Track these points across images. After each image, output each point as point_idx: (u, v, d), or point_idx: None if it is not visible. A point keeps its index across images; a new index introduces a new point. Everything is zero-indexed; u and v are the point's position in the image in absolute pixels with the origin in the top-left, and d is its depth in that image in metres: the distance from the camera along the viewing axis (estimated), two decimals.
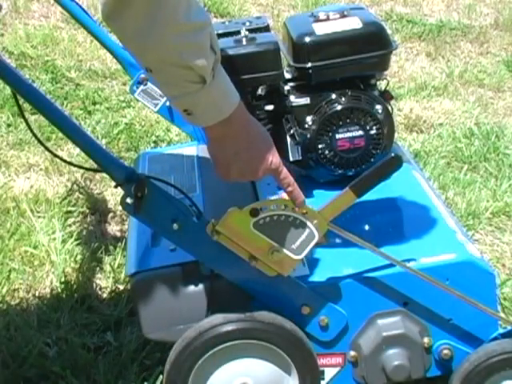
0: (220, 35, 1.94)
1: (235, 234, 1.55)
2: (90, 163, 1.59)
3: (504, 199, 2.73)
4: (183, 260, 1.66)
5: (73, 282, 2.28)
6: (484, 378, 1.63)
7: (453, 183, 2.83)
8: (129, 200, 1.52)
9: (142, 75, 2.09)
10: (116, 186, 1.52)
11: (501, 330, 1.68)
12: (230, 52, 1.79)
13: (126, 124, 3.24)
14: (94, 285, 2.30)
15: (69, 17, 4.44)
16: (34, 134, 1.65)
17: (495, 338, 1.66)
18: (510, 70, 3.96)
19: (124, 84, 3.68)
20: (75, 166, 1.71)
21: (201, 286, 1.66)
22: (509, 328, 1.67)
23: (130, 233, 1.91)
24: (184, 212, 1.56)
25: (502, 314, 2.06)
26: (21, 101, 1.51)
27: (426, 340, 1.66)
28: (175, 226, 1.55)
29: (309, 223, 1.55)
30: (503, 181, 2.85)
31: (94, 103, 3.46)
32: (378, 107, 1.87)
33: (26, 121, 1.65)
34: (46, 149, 1.65)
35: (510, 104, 3.62)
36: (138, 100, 2.15)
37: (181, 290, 1.66)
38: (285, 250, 1.55)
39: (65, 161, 1.69)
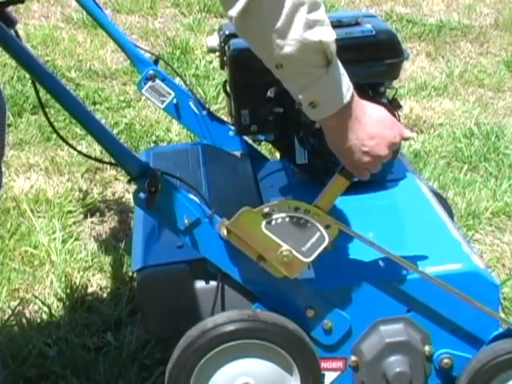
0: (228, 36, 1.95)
1: (246, 234, 1.55)
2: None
3: (504, 199, 2.73)
4: (190, 257, 1.66)
5: (73, 282, 2.28)
6: (491, 377, 1.63)
7: (453, 183, 2.83)
8: (141, 195, 1.52)
9: (151, 71, 2.08)
10: (129, 181, 1.53)
11: (501, 330, 1.68)
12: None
13: (126, 124, 3.24)
14: (94, 285, 2.30)
15: (69, 17, 4.46)
16: (55, 129, 1.70)
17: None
18: (510, 70, 3.96)
19: (124, 84, 3.68)
20: (92, 158, 1.81)
21: (207, 284, 1.66)
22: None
23: (136, 228, 1.91)
24: (196, 209, 1.57)
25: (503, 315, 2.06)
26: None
27: (427, 348, 1.66)
28: (186, 222, 1.56)
29: (320, 226, 1.55)
30: (503, 181, 2.85)
31: (94, 103, 3.46)
32: None
33: (46, 115, 1.67)
34: (65, 142, 1.70)
35: (510, 104, 3.62)
36: (145, 96, 2.13)
37: (187, 287, 1.66)
38: (294, 252, 1.55)
39: (85, 155, 1.80)
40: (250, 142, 2.17)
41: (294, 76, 1.40)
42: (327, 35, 1.35)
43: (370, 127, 1.46)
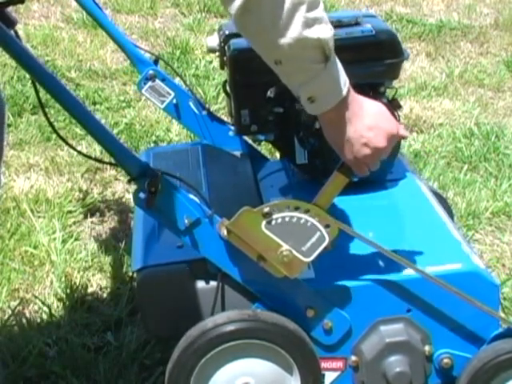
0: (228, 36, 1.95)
1: (246, 234, 1.55)
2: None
3: (504, 199, 2.73)
4: (190, 257, 1.66)
5: (73, 282, 2.28)
6: (491, 377, 1.63)
7: (453, 183, 2.83)
8: (142, 195, 1.53)
9: (151, 71, 2.09)
10: (129, 181, 1.53)
11: (501, 329, 1.68)
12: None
13: (126, 124, 3.24)
14: (94, 285, 2.30)
15: (69, 17, 4.46)
16: (54, 129, 1.70)
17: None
18: (510, 70, 3.96)
19: (124, 84, 3.68)
20: (92, 159, 1.83)
21: (207, 284, 1.66)
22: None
23: (136, 228, 1.91)
24: (196, 209, 1.57)
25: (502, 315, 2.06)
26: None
27: (427, 348, 1.66)
28: (186, 222, 1.56)
29: (320, 226, 1.55)
30: (503, 181, 2.85)
31: (94, 103, 3.46)
32: None
33: (46, 115, 1.68)
34: (65, 142, 1.70)
35: (510, 104, 3.62)
36: (145, 96, 2.13)
37: (187, 287, 1.66)
38: (294, 252, 1.55)
39: (85, 155, 1.82)
40: (250, 142, 2.18)
41: (293, 72, 1.41)
42: (325, 32, 1.37)
43: (368, 119, 1.47)
